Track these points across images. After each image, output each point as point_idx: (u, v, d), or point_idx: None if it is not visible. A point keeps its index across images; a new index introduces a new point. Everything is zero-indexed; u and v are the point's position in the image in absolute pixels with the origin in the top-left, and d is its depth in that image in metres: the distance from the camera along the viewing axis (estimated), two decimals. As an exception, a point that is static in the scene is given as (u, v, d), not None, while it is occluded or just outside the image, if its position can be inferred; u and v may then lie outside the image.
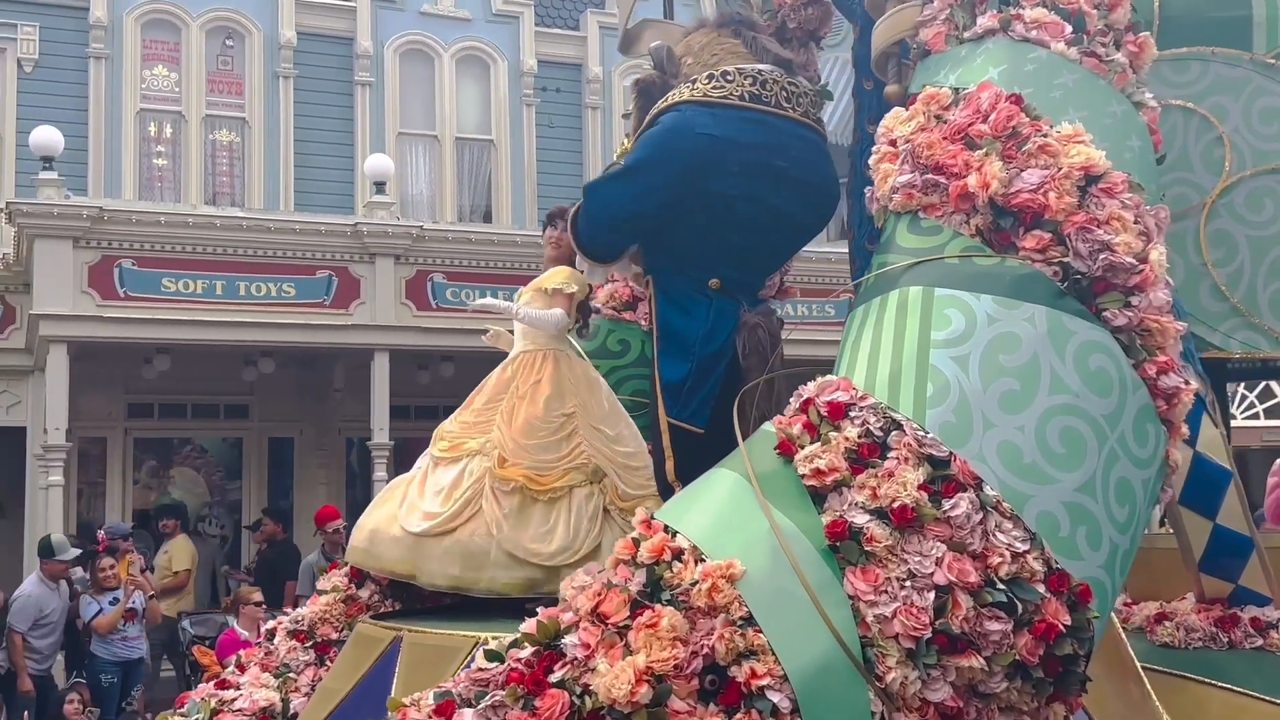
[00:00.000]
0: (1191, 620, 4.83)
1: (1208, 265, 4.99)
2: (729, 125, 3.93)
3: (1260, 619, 4.80)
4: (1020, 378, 3.20)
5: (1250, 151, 4.99)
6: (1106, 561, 3.19)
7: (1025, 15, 3.76)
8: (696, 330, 4.01)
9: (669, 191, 3.99)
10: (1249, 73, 5.02)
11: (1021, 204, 3.37)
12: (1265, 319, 4.94)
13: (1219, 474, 4.65)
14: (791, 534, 3.06)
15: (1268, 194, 4.98)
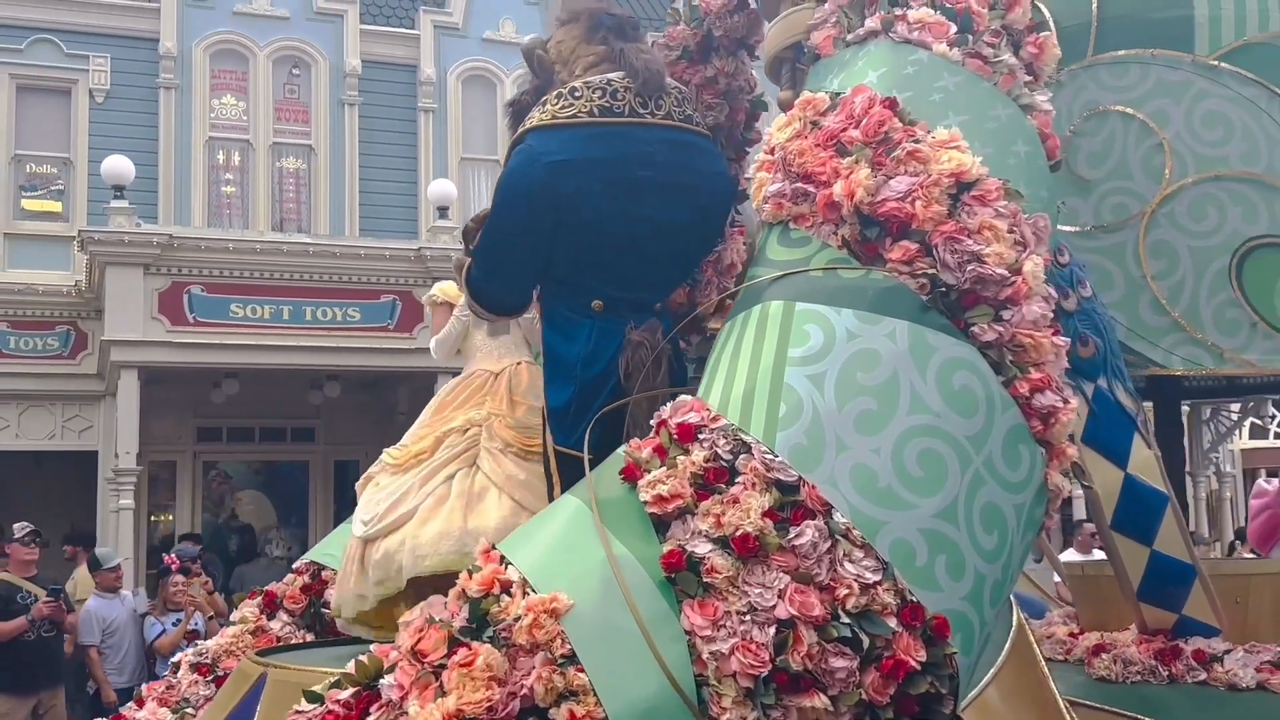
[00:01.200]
0: (1130, 653, 4.65)
1: (1148, 278, 4.81)
2: (579, 145, 3.77)
3: (1204, 651, 4.61)
4: (878, 397, 3.06)
5: (1192, 158, 4.82)
6: (971, 593, 3.03)
7: (909, 16, 3.63)
8: (577, 354, 3.88)
9: (535, 228, 3.86)
10: (1191, 75, 4.85)
11: (888, 213, 3.24)
12: (1209, 334, 4.76)
13: (1154, 497, 4.48)
14: (628, 565, 2.93)
15: (1211, 202, 4.80)
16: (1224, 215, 4.79)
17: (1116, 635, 4.76)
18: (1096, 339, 4.40)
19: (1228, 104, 4.83)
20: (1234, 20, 4.86)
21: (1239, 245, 4.77)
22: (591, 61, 3.97)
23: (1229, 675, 4.53)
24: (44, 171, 17.29)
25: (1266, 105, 4.82)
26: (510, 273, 4.08)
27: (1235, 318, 4.76)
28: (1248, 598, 4.89)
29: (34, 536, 9.98)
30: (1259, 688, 4.55)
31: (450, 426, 4.67)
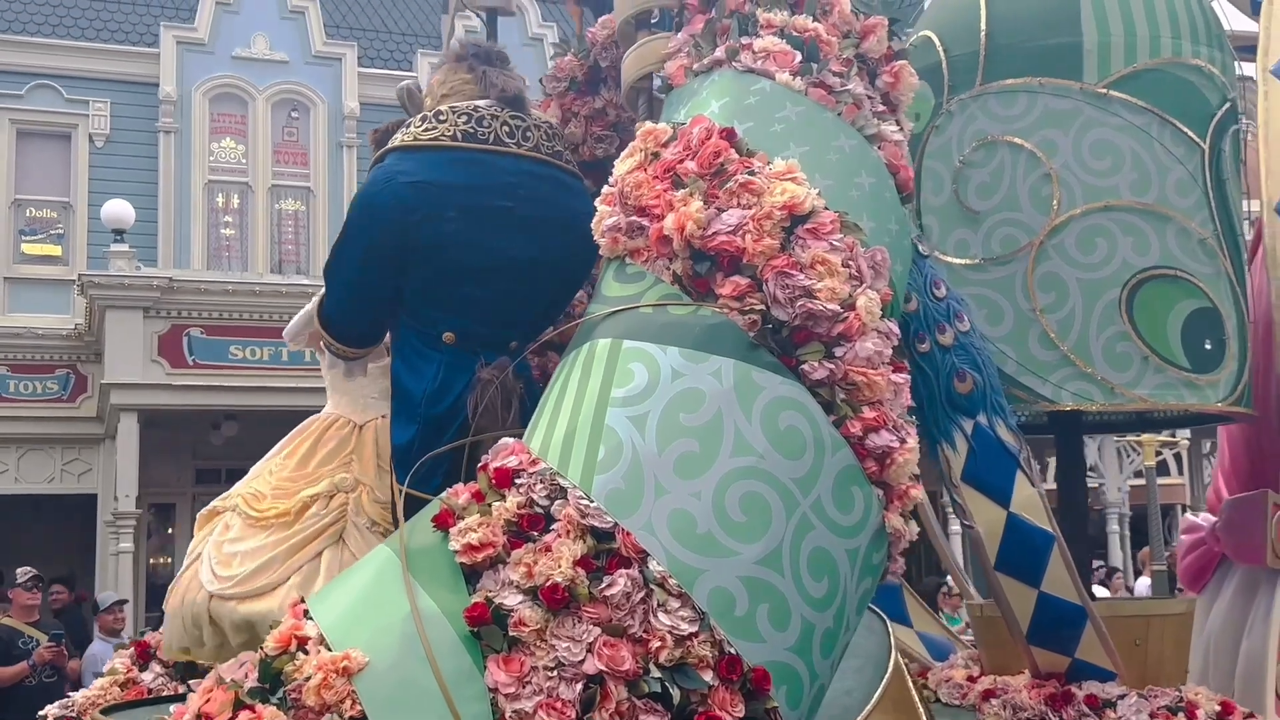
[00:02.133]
0: (1021, 698, 4.53)
1: (1037, 311, 4.72)
2: (438, 169, 3.72)
3: (1097, 696, 4.49)
4: (701, 438, 2.97)
5: (1081, 188, 4.74)
6: (798, 643, 2.93)
7: (754, 45, 3.57)
8: (423, 389, 3.79)
9: (386, 250, 3.77)
10: (1079, 104, 4.78)
11: (718, 247, 3.16)
12: (1099, 368, 4.66)
13: (1040, 537, 4.37)
14: (433, 619, 2.83)
15: (1100, 233, 4.72)
16: (1114, 246, 4.71)
17: (1008, 680, 4.65)
18: (975, 374, 4.30)
19: (1117, 133, 4.75)
20: (1124, 47, 4.80)
21: (1129, 277, 4.69)
22: (457, 86, 3.92)
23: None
24: (44, 215, 17.84)
25: (1158, 133, 4.76)
26: (358, 297, 4.01)
27: (1126, 351, 4.67)
28: (1147, 639, 4.78)
29: (36, 581, 10.03)
30: (1152, 733, 4.44)
31: (316, 491, 4.48)
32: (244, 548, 4.35)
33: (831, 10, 3.67)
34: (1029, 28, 4.90)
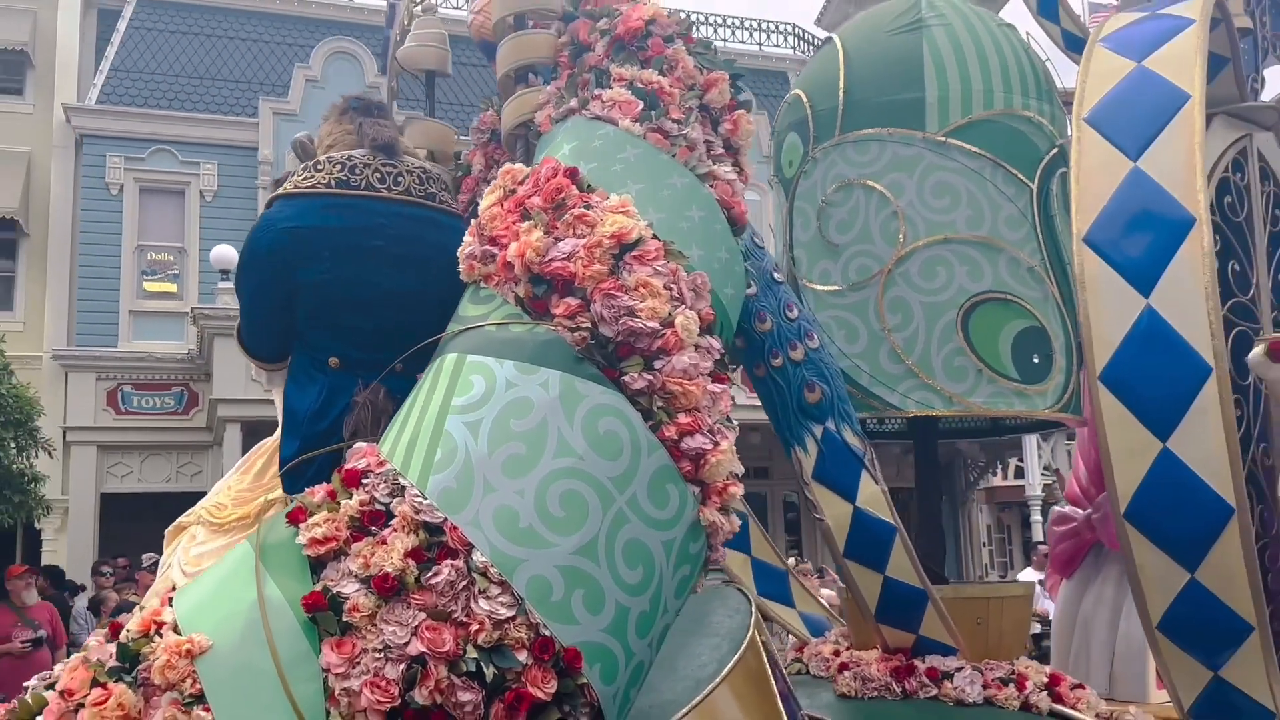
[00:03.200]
0: (870, 670, 4.33)
1: (886, 330, 4.53)
2: (313, 214, 3.53)
3: (936, 669, 4.29)
4: (527, 442, 2.76)
5: (923, 223, 4.56)
6: (612, 625, 2.72)
7: (603, 95, 3.39)
8: (306, 407, 3.57)
9: (271, 287, 3.60)
10: (922, 151, 4.60)
11: (553, 272, 2.97)
12: (939, 380, 4.47)
13: (882, 529, 4.16)
14: (277, 606, 2.61)
15: (940, 263, 4.53)
16: (952, 274, 4.52)
17: (861, 654, 4.45)
18: (823, 386, 4.10)
19: (955, 175, 4.57)
20: (960, 100, 4.62)
21: (965, 300, 4.51)
22: (339, 137, 3.74)
23: (957, 691, 4.22)
24: (162, 259, 18.57)
25: (990, 175, 4.58)
26: (257, 324, 3.83)
27: (962, 365, 4.48)
28: (988, 618, 4.57)
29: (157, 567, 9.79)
30: (986, 702, 4.23)
31: (274, 496, 4.28)
32: (208, 548, 4.15)
33: (676, 66, 3.49)
34: (879, 84, 4.72)
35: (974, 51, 4.67)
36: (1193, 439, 3.76)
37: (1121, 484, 3.86)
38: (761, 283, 4.10)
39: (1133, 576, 3.96)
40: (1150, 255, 3.82)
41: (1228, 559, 3.81)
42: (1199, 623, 3.92)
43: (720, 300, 3.25)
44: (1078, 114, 4.10)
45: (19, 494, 13.63)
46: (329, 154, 3.62)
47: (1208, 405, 3.74)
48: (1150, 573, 3.91)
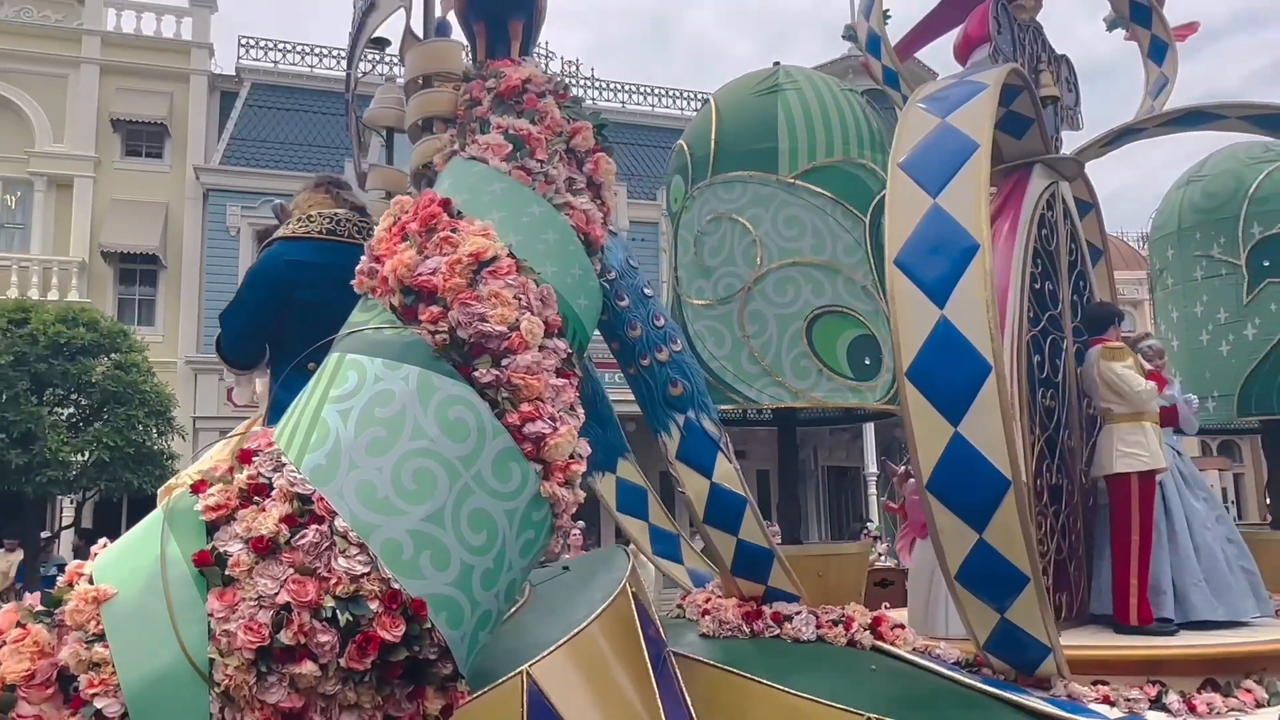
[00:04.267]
0: (726, 614, 4.19)
1: (746, 338, 4.41)
2: (307, 252, 3.58)
3: (780, 613, 4.16)
4: (388, 427, 2.63)
5: (777, 249, 4.44)
6: (457, 579, 2.58)
7: (480, 139, 3.25)
8: (292, 401, 3.47)
9: (269, 305, 3.56)
10: (776, 190, 4.49)
11: (420, 284, 2.83)
12: (788, 378, 4.35)
13: (736, 500, 4.03)
14: (175, 561, 2.48)
15: (789, 282, 4.41)
16: (799, 291, 4.40)
17: (721, 601, 4.31)
18: (685, 381, 3.98)
19: (803, 210, 4.45)
20: (807, 149, 4.50)
21: (809, 313, 4.39)
22: (317, 203, 3.73)
23: (795, 630, 4.09)
24: None
25: (831, 211, 4.46)
26: (247, 334, 3.73)
27: (806, 366, 4.36)
28: (828, 572, 4.45)
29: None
30: (819, 640, 4.10)
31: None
32: None
33: (546, 116, 3.35)
34: (743, 136, 4.60)
35: (819, 111, 4.56)
36: (978, 424, 3.64)
37: (924, 462, 3.74)
38: (634, 297, 3.97)
39: (934, 537, 3.83)
40: (944, 274, 3.70)
41: (1008, 522, 3.69)
42: (987, 574, 3.79)
43: (574, 310, 3.12)
44: (893, 161, 3.99)
45: (159, 469, 13.93)
46: (320, 210, 3.63)
47: (988, 397, 3.62)
48: (948, 534, 3.79)
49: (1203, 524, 5.32)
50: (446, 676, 2.58)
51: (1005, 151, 5.54)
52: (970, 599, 3.89)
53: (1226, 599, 5.21)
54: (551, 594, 3.97)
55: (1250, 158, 5.99)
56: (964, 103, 4.09)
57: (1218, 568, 5.25)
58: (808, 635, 4.06)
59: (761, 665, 3.89)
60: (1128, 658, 4.24)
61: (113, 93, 19.09)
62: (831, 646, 4.06)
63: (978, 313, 3.62)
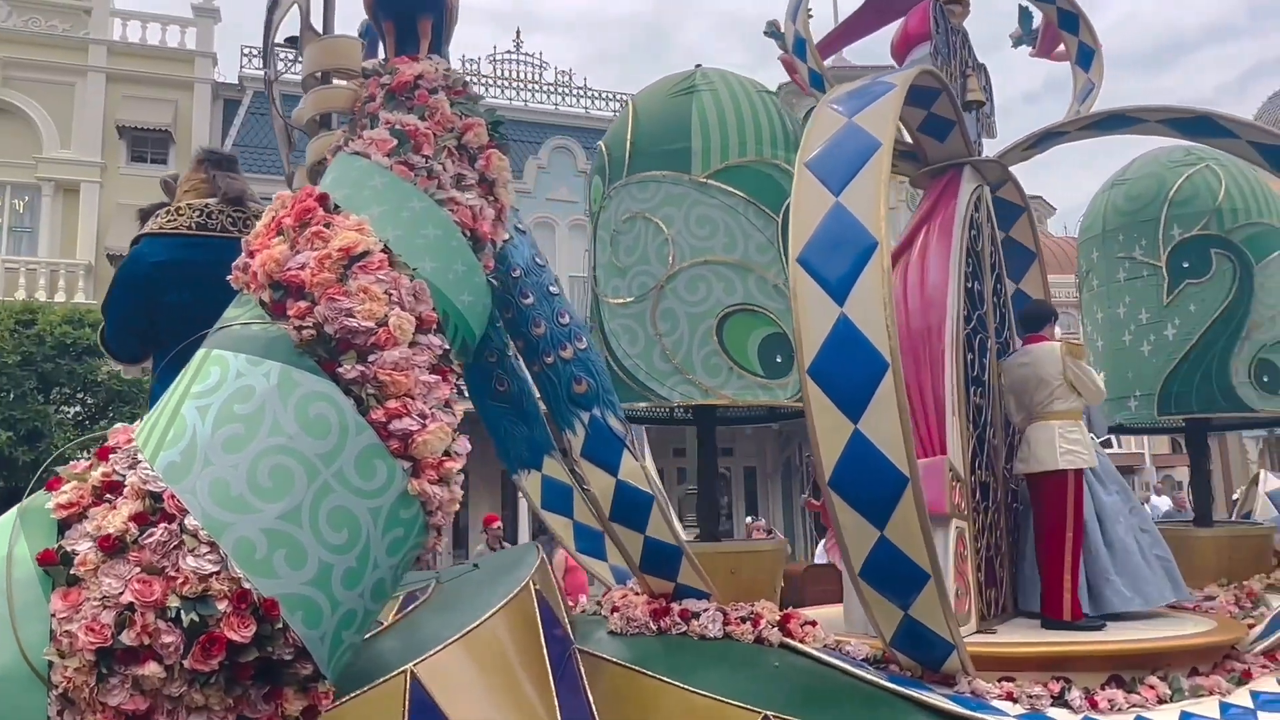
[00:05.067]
0: (635, 611, 4.09)
1: (658, 336, 4.32)
2: (176, 251, 3.46)
3: (688, 610, 4.06)
4: (246, 423, 2.52)
5: (689, 248, 4.36)
6: (315, 578, 2.48)
7: (365, 135, 3.15)
8: None
9: (140, 308, 3.47)
10: (688, 190, 4.40)
11: (288, 279, 2.73)
12: (698, 376, 4.27)
13: (642, 498, 3.94)
14: (21, 561, 2.37)
15: (700, 280, 4.33)
16: (710, 290, 4.32)
17: (631, 598, 4.21)
18: (589, 379, 3.88)
19: (715, 210, 4.37)
20: (719, 149, 4.43)
21: (720, 311, 4.30)
22: (195, 184, 3.57)
23: (702, 627, 4.00)
24: None
25: (743, 210, 4.38)
26: (124, 335, 3.62)
27: (717, 363, 4.27)
28: (740, 569, 4.36)
29: None
30: (726, 636, 4.01)
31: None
32: None
33: (436, 112, 3.26)
34: (657, 137, 4.52)
35: (733, 111, 4.48)
36: (876, 422, 3.56)
37: (825, 458, 3.66)
38: (539, 294, 3.88)
39: (838, 534, 3.76)
40: (844, 272, 3.63)
41: (907, 519, 3.61)
42: (889, 571, 3.72)
43: (456, 306, 3.02)
44: (800, 160, 3.91)
45: None
46: (189, 201, 3.48)
47: (886, 394, 3.55)
48: (851, 531, 3.71)
49: (1115, 517, 5.28)
50: (307, 677, 2.48)
51: (930, 154, 5.49)
52: (874, 596, 3.82)
53: (1143, 590, 5.17)
54: (455, 591, 3.87)
55: (1172, 161, 5.97)
56: (870, 103, 4.02)
57: (1132, 559, 5.21)
58: (714, 632, 3.97)
59: (665, 663, 3.80)
60: (1036, 654, 4.18)
61: (119, 100, 19.28)
62: (738, 643, 3.97)
63: (876, 310, 3.55)
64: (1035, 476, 5.36)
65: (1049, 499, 5.27)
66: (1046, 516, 5.26)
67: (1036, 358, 5.37)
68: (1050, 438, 5.27)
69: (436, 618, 3.54)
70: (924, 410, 4.83)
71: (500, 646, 3.51)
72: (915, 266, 5.19)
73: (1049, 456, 5.26)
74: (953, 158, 5.41)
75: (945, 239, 5.16)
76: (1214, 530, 5.79)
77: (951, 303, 4.89)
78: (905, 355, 4.88)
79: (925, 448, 4.80)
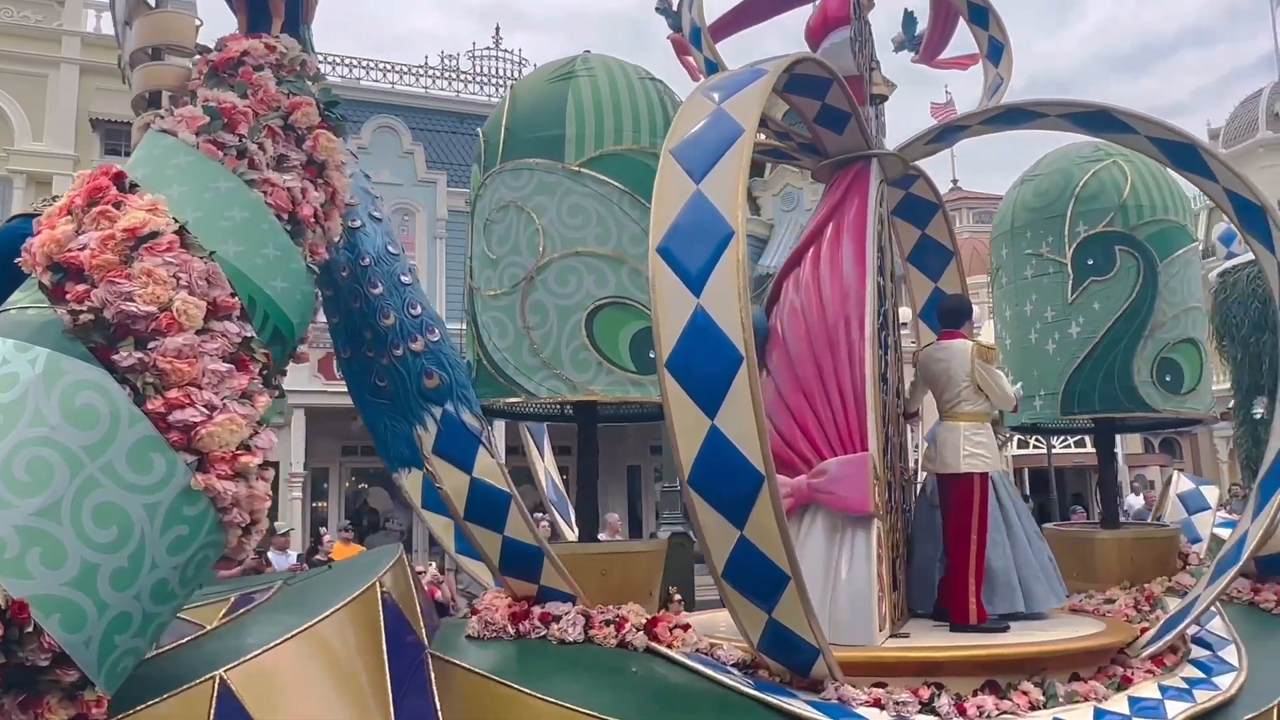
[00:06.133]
0: (495, 615, 3.98)
1: (527, 329, 4.22)
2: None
3: (549, 613, 3.96)
4: (6, 413, 2.40)
5: (560, 239, 4.26)
6: (77, 579, 2.36)
7: (176, 112, 3.02)
8: None
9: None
10: (561, 178, 4.30)
11: (68, 260, 2.61)
12: (567, 371, 4.17)
13: (499, 496, 3.84)
14: None
15: (571, 272, 4.23)
16: (581, 282, 4.22)
17: (492, 601, 4.10)
18: (442, 373, 3.78)
19: (587, 199, 4.27)
20: (594, 136, 4.33)
21: (591, 304, 4.20)
22: None
23: (561, 632, 3.89)
24: None
25: (618, 200, 4.28)
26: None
27: (586, 358, 4.17)
28: (612, 570, 4.27)
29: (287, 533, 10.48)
30: (587, 641, 3.91)
31: None
32: None
33: (259, 90, 3.13)
34: (532, 123, 4.42)
35: (610, 98, 4.39)
36: (732, 417, 3.48)
37: (684, 456, 3.57)
38: (389, 284, 3.77)
39: (699, 534, 3.67)
40: (701, 263, 3.55)
41: (765, 519, 3.54)
42: (751, 573, 3.64)
43: (266, 292, 2.90)
44: (666, 146, 3.82)
45: None
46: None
47: (741, 389, 3.47)
48: (711, 531, 3.63)
49: (1020, 520, 5.26)
50: (72, 684, 2.35)
51: (829, 147, 5.43)
52: (738, 598, 3.74)
53: (1043, 593, 5.16)
54: (301, 593, 3.74)
55: (1080, 157, 5.95)
56: (741, 88, 3.94)
57: (1034, 562, 5.20)
58: (574, 636, 3.87)
59: (519, 669, 3.70)
60: (912, 660, 4.12)
61: (92, 92, 19.10)
62: (600, 649, 3.87)
63: (730, 301, 3.47)
64: (943, 478, 5.32)
65: (955, 502, 5.22)
66: (953, 519, 5.22)
67: (951, 354, 5.33)
68: (956, 440, 5.23)
69: (269, 621, 3.41)
70: (841, 406, 4.74)
71: (334, 650, 3.40)
72: (827, 257, 5.09)
73: (954, 460, 5.23)
74: (852, 150, 5.35)
75: (859, 229, 5.09)
76: (1118, 532, 5.77)
77: (870, 295, 4.83)
78: (821, 349, 4.79)
79: (845, 444, 4.71)
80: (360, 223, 3.81)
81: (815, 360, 4.86)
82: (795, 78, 4.78)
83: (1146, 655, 4.56)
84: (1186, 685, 4.30)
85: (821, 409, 4.84)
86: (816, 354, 4.87)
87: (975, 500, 5.18)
